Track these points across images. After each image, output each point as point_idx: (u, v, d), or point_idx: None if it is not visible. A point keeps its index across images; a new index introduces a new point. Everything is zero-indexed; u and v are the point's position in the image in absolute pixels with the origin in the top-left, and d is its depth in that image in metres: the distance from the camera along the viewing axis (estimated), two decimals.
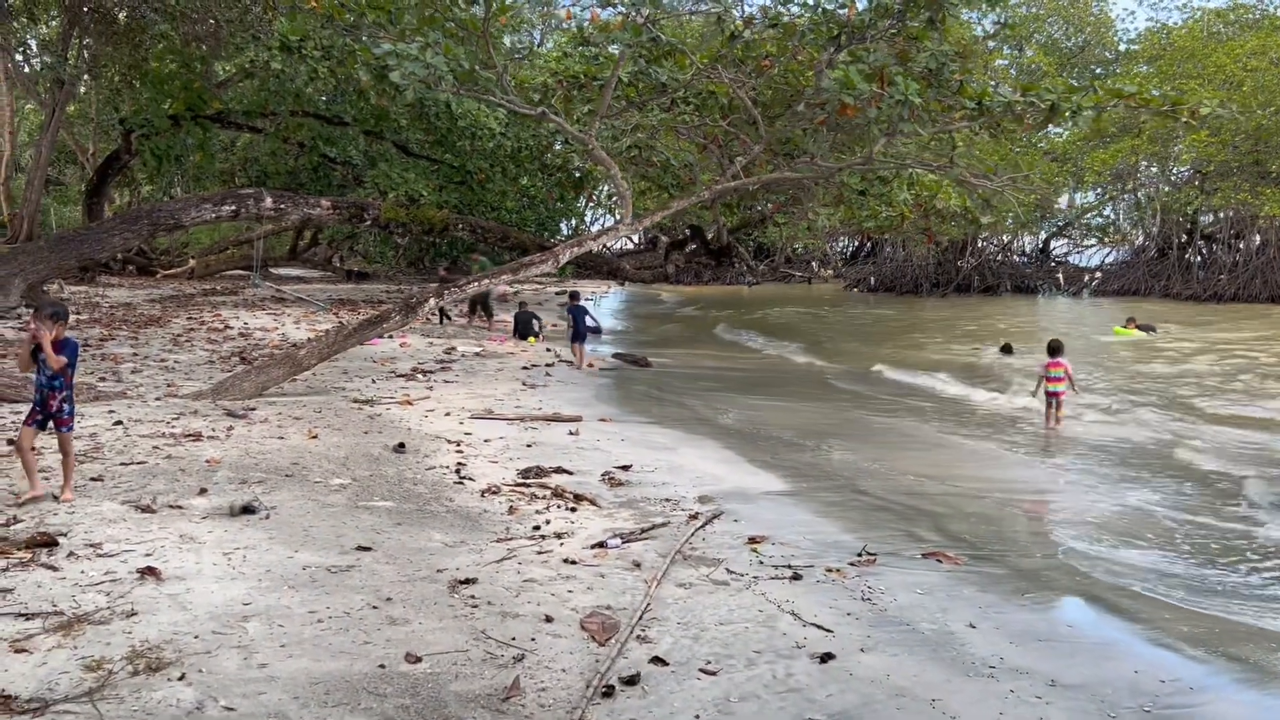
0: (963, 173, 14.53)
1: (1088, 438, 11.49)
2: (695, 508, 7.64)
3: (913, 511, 7.95)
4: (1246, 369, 16.93)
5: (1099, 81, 23.93)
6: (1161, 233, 34.61)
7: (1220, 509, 8.28)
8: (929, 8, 12.11)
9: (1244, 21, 35.27)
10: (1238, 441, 11.20)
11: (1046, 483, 9.54)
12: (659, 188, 20.65)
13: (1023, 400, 13.71)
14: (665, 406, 13.01)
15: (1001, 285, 36.87)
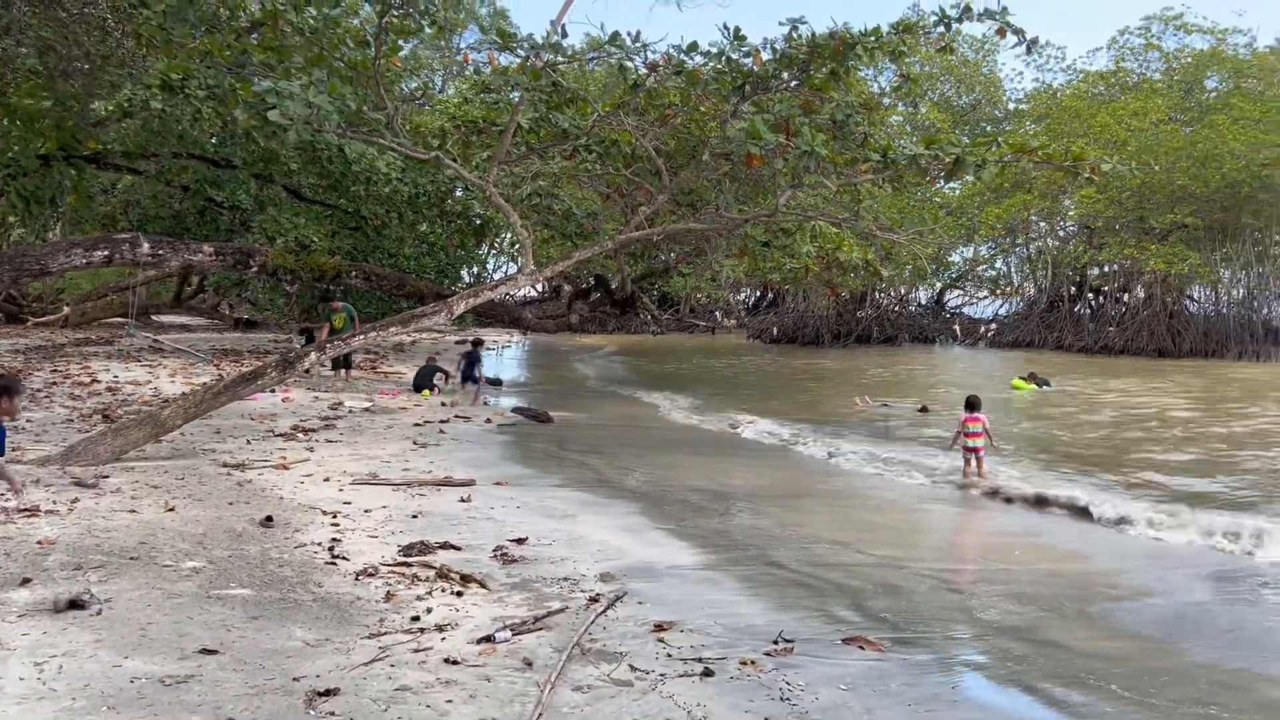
0: (869, 225, 14.35)
1: (1006, 494, 11.21)
2: (596, 588, 6.96)
3: (829, 587, 7.42)
4: (1150, 423, 17.09)
5: (1002, 136, 24.59)
6: (1052, 286, 35.57)
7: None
8: (833, 59, 11.90)
9: (1123, 84, 36.87)
10: (1156, 496, 11.06)
11: (969, 547, 9.15)
12: (562, 236, 20.13)
13: (940, 458, 13.45)
14: (566, 467, 12.32)
15: (900, 336, 37.36)
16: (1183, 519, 9.60)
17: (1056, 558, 8.69)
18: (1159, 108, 31.98)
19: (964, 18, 11.78)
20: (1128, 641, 6.54)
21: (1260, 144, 28.30)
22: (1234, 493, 11.41)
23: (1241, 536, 8.94)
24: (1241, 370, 26.38)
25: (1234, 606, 7.43)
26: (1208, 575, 8.09)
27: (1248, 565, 8.38)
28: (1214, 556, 8.64)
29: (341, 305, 19.74)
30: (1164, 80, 35.93)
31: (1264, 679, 5.94)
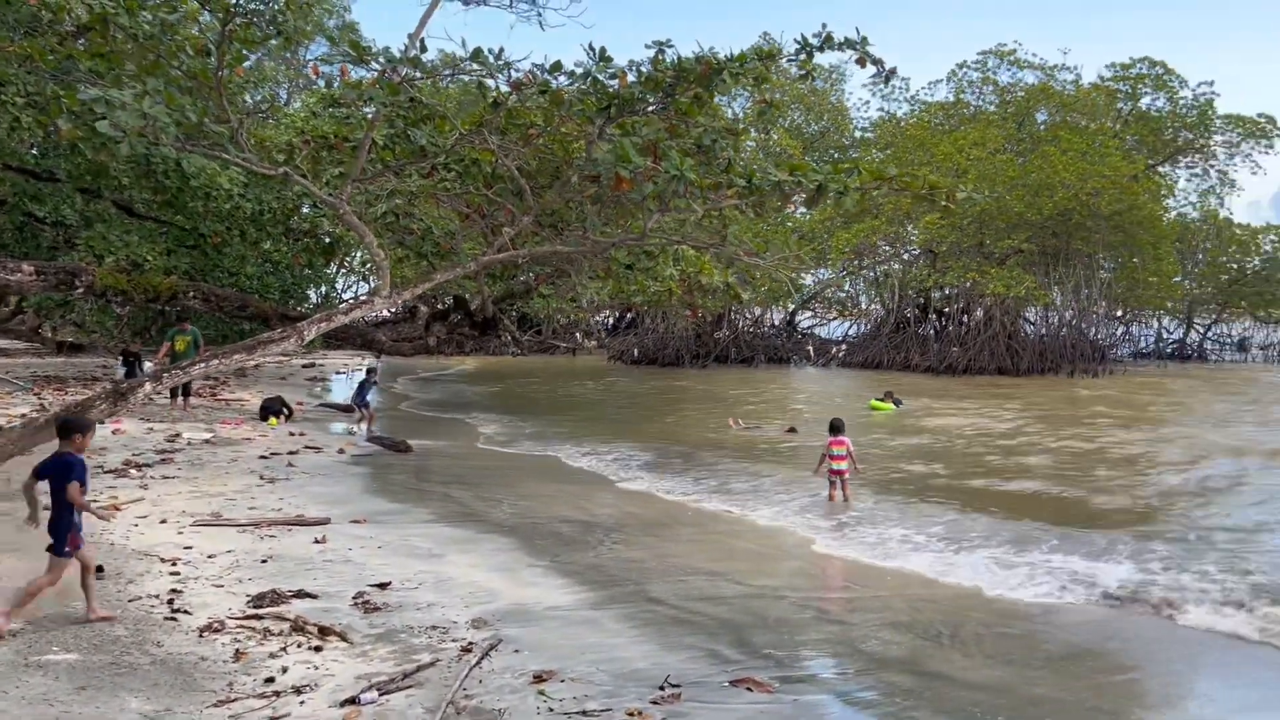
0: (735, 250, 14.35)
1: (873, 518, 11.28)
2: (469, 636, 6.53)
3: (712, 622, 7.20)
4: (1002, 439, 17.70)
5: (861, 164, 25.13)
6: (899, 308, 36.88)
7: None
8: (698, 84, 11.84)
9: (962, 115, 38.71)
10: (1029, 519, 11.36)
11: (842, 574, 9.09)
12: (419, 256, 19.44)
13: (805, 481, 13.50)
14: (430, 500, 11.74)
15: (757, 357, 37.95)
16: (1030, 548, 9.87)
17: (926, 581, 8.73)
18: (995, 138, 33.72)
19: (825, 46, 11.93)
20: (1005, 669, 6.55)
21: (1087, 174, 30.16)
22: (1086, 513, 11.85)
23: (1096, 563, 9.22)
24: (1072, 386, 27.86)
25: (1102, 628, 7.59)
26: (1064, 601, 8.27)
27: (1097, 591, 8.62)
28: (1067, 577, 8.86)
29: (191, 328, 18.50)
30: (999, 112, 37.92)
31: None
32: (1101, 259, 33.31)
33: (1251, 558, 9.33)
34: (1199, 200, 40.09)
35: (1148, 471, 14.40)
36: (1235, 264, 37.19)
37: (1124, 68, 38.60)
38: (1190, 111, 38.36)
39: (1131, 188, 31.01)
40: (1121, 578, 8.57)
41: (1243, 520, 11.13)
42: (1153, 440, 17.48)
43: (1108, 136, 34.10)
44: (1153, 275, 32.55)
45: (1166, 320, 39.05)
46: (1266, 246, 36.98)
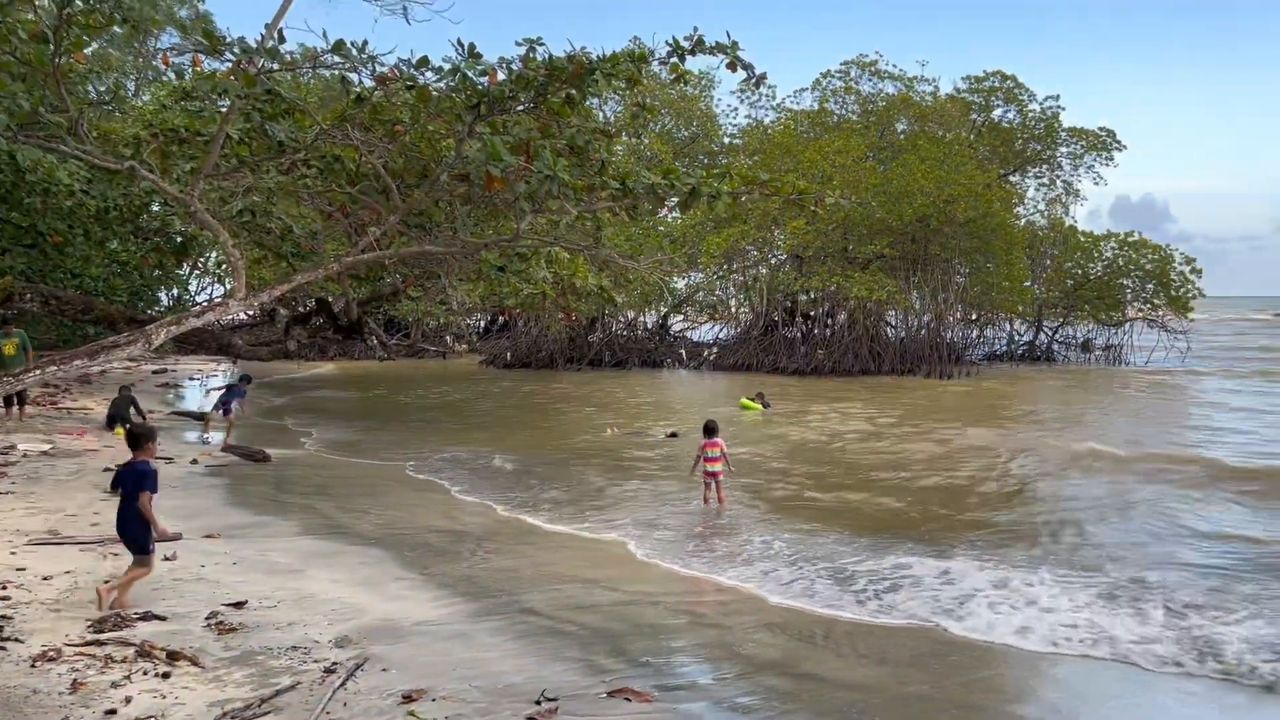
0: (609, 253, 14.25)
1: (748, 519, 11.33)
2: (332, 656, 6.19)
3: (587, 632, 7.05)
4: (870, 437, 18.13)
5: (733, 169, 25.37)
6: (767, 311, 37.56)
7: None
8: (570, 83, 11.69)
9: (826, 123, 39.71)
10: (889, 512, 11.59)
11: (719, 576, 9.06)
12: (278, 257, 18.64)
13: (679, 483, 13.49)
14: (291, 513, 11.19)
15: (630, 360, 38.01)
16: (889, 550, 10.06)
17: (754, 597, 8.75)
18: (859, 146, 34.70)
19: (696, 50, 11.95)
20: (879, 668, 6.62)
21: (944, 182, 31.35)
22: (926, 521, 12.21)
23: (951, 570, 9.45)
24: (929, 387, 28.85)
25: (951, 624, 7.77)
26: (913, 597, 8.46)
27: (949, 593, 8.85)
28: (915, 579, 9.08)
29: (16, 331, 17.19)
30: (861, 121, 39.08)
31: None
32: (958, 264, 34.64)
33: (1086, 565, 9.74)
34: (1046, 209, 42.26)
35: (986, 476, 14.91)
36: (1079, 269, 39.29)
37: (977, 80, 40.34)
38: (1038, 124, 40.39)
39: (985, 196, 32.38)
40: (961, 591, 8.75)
41: (1072, 524, 11.56)
42: (1001, 441, 18.17)
43: (963, 146, 35.53)
44: (1005, 280, 34.02)
45: (1017, 323, 40.93)
46: (1107, 253, 39.19)
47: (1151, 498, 12.52)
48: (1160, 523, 11.18)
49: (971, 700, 6.07)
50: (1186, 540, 10.37)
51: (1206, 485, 13.26)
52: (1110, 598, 8.13)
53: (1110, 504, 12.22)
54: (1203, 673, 6.59)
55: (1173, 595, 8.20)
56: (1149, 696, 6.33)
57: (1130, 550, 9.86)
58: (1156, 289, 38.15)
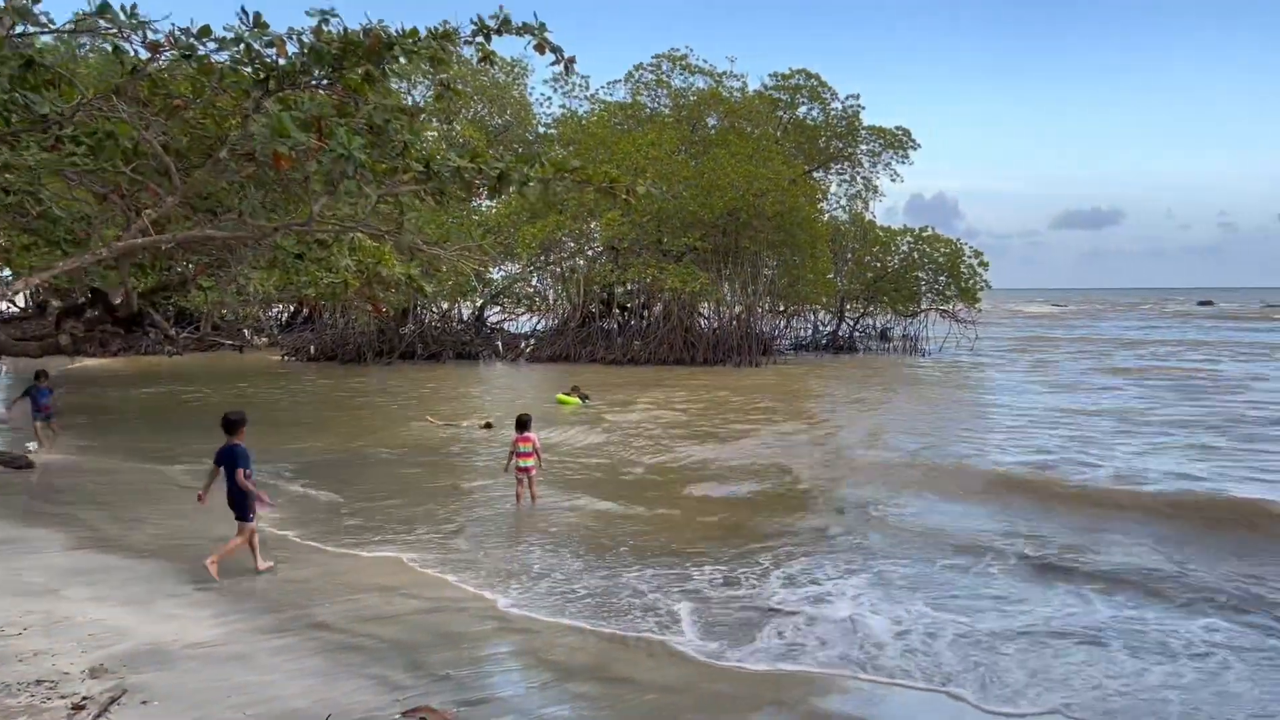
0: (414, 239, 13.59)
1: (556, 516, 11.02)
2: (84, 689, 5.47)
3: (383, 645, 6.56)
4: (683, 428, 18.16)
5: (545, 156, 24.84)
6: (584, 303, 37.45)
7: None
8: (368, 59, 11.01)
9: (639, 116, 39.93)
10: (707, 515, 11.53)
11: (527, 582, 8.70)
12: (48, 242, 16.89)
13: (493, 478, 13.04)
14: (51, 525, 10.06)
15: (444, 353, 37.04)
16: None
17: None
18: (671, 139, 35.04)
19: (503, 30, 11.52)
20: (684, 667, 6.46)
21: (753, 177, 32.09)
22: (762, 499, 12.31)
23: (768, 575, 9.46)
24: (739, 377, 29.45)
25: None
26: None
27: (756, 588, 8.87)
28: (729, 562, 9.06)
29: None
30: (673, 115, 39.49)
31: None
32: (766, 257, 35.57)
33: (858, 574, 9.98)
34: (848, 204, 44.08)
35: (781, 473, 15.07)
36: (878, 263, 41.19)
37: (784, 78, 41.51)
38: (840, 122, 41.99)
39: (792, 191, 33.34)
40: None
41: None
42: (800, 432, 18.66)
43: (771, 142, 36.48)
44: (810, 273, 35.20)
45: (821, 314, 42.52)
46: (904, 247, 41.26)
47: (877, 497, 12.21)
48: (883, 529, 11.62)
49: (781, 697, 5.99)
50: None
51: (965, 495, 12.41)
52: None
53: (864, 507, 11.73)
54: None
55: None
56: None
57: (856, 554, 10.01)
58: (948, 281, 40.42)
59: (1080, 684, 6.21)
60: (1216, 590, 8.18)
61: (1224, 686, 6.19)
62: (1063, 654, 6.72)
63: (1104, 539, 9.96)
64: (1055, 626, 7.28)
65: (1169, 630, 7.17)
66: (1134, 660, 6.60)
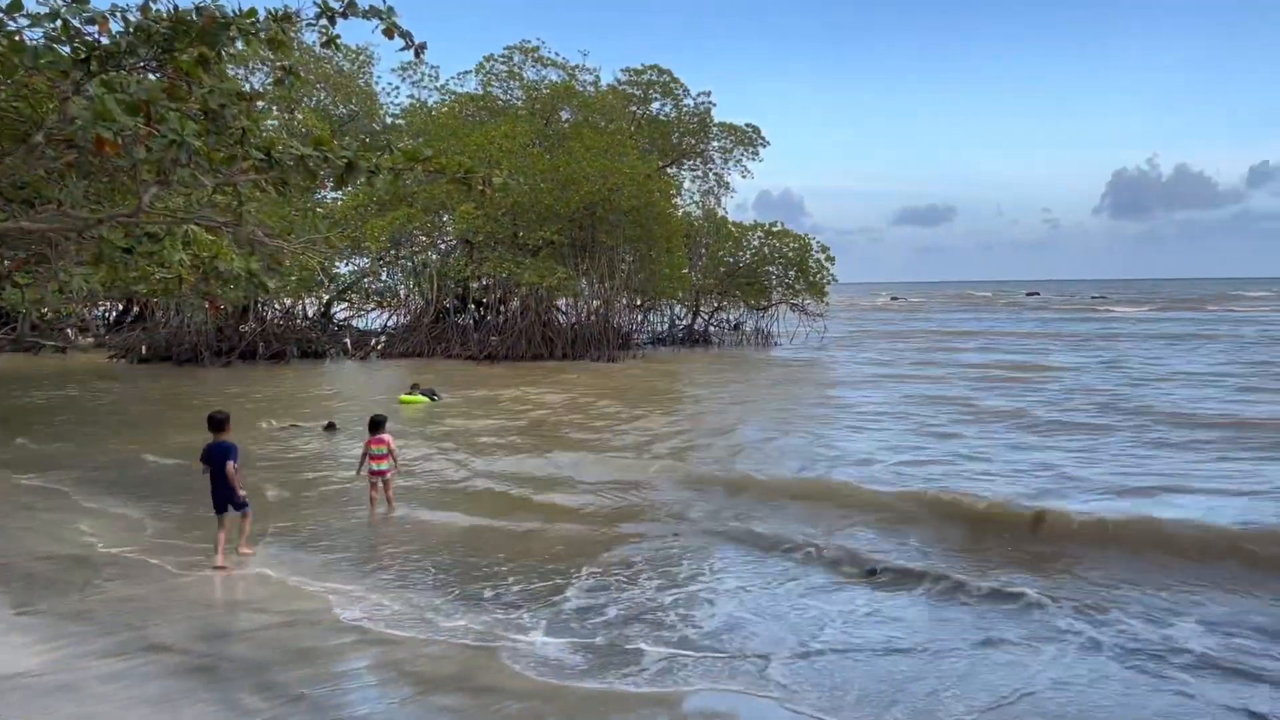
0: (254, 231, 12.88)
1: (413, 523, 10.63)
2: None
3: (232, 665, 6.12)
4: (541, 428, 17.90)
5: (396, 145, 24.02)
6: (438, 298, 36.63)
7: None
8: (202, 40, 10.34)
9: (491, 108, 39.34)
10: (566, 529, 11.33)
11: (386, 592, 8.32)
12: None
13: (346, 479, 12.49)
14: None
15: (289, 351, 35.55)
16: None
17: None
18: (525, 132, 34.65)
19: (349, 13, 11.02)
20: (550, 675, 6.29)
21: (609, 171, 32.07)
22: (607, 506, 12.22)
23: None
24: (597, 372, 29.41)
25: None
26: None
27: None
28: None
29: None
30: (526, 108, 39.08)
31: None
32: (623, 252, 35.64)
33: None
34: (701, 200, 44.67)
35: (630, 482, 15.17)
36: (731, 258, 41.91)
37: (636, 73, 41.67)
38: (692, 118, 42.48)
39: (647, 186, 33.49)
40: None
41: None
42: (658, 428, 18.75)
43: (625, 137, 36.54)
44: (666, 267, 35.49)
45: (677, 308, 42.97)
46: (755, 242, 42.12)
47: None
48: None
49: (653, 703, 5.88)
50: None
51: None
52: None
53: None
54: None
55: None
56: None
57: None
58: (797, 276, 41.47)
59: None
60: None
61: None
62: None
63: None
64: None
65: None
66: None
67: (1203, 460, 13.43)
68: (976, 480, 12.14)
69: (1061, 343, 39.37)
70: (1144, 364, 28.82)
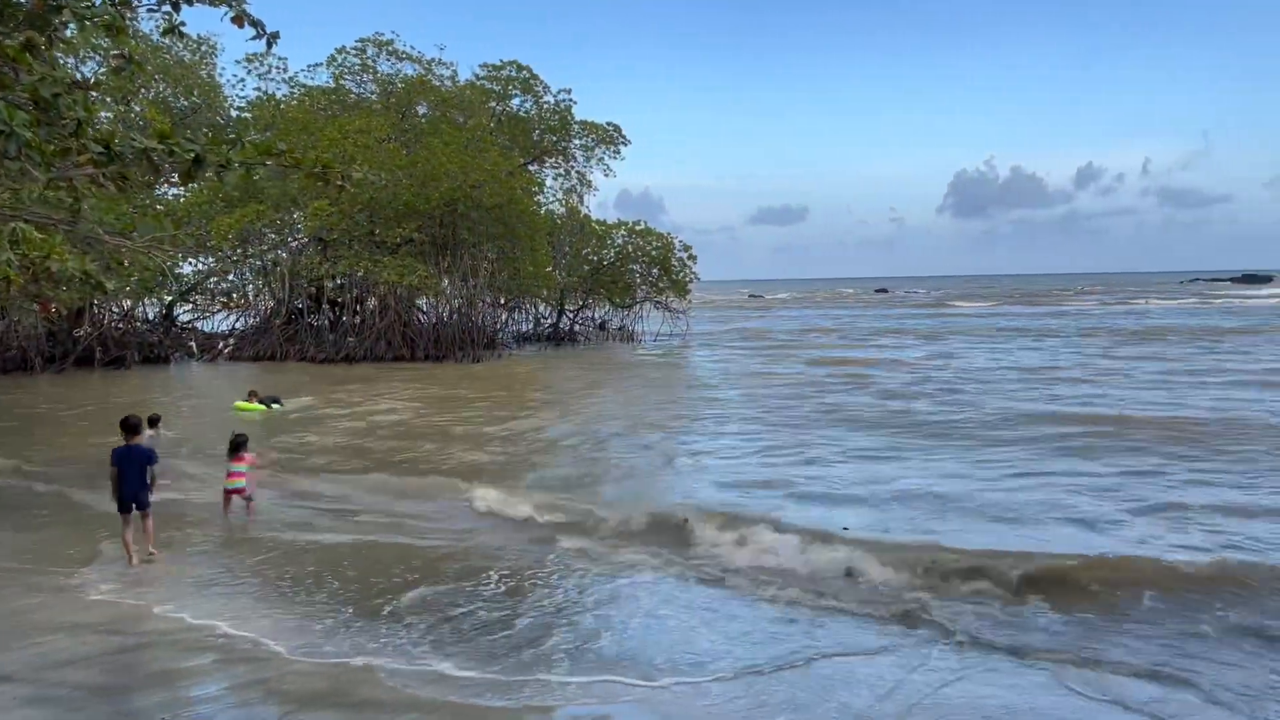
0: (93, 229, 12.07)
1: (269, 535, 10.18)
2: None
3: (80, 694, 5.69)
4: (400, 431, 17.43)
5: (246, 138, 22.95)
6: (290, 298, 35.30)
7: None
8: (30, 24, 9.62)
9: (344, 102, 38.17)
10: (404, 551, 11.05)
11: (243, 607, 7.92)
12: None
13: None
14: None
15: (129, 356, 33.60)
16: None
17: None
18: (381, 127, 33.74)
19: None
20: (429, 689, 6.12)
21: (469, 167, 31.57)
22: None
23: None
24: (460, 373, 28.94)
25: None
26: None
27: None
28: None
29: None
30: (381, 102, 38.08)
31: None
32: (485, 250, 35.15)
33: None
34: (564, 197, 44.52)
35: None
36: (595, 256, 41.98)
37: (495, 69, 41.18)
38: (553, 116, 42.29)
39: (508, 183, 33.15)
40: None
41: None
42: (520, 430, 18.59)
43: (485, 133, 36.06)
44: (530, 265, 35.22)
45: (542, 306, 42.75)
46: (619, 240, 42.31)
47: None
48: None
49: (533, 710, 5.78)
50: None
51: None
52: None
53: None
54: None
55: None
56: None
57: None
58: (661, 274, 41.88)
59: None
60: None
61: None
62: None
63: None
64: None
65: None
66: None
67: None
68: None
69: (911, 339, 41.09)
70: (970, 359, 30.39)
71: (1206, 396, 19.24)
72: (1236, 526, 9.58)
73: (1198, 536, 9.25)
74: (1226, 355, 28.84)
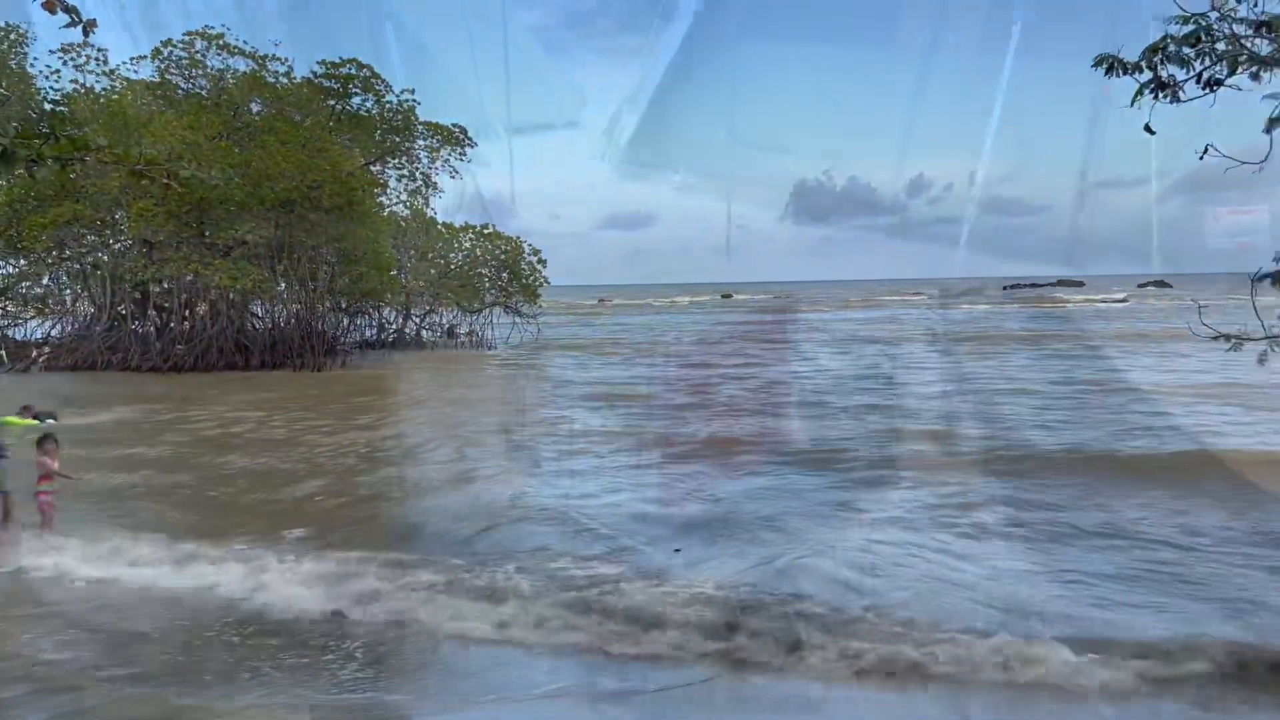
0: None
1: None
2: None
3: None
4: (219, 447, 16.57)
5: (61, 131, 21.22)
6: (112, 303, 33.10)
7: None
8: None
9: (171, 97, 36.07)
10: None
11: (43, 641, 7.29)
12: None
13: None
14: None
15: None
16: None
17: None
18: (212, 124, 32.02)
19: None
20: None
21: (307, 167, 30.34)
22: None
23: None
24: (298, 381, 27.80)
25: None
26: None
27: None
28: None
29: None
30: (212, 98, 36.15)
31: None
32: (325, 252, 33.89)
33: None
34: (409, 199, 43.36)
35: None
36: (442, 259, 41.14)
37: (333, 66, 39.68)
38: (396, 116, 41.13)
39: (349, 183, 32.08)
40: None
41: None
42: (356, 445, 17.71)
43: (324, 132, 34.78)
44: (373, 269, 34.17)
45: (387, 311, 41.54)
46: (466, 244, 41.60)
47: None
48: None
49: None
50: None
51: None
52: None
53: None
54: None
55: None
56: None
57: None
58: (510, 278, 41.45)
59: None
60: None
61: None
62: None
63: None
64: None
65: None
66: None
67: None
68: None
69: (759, 346, 42.05)
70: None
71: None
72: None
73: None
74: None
